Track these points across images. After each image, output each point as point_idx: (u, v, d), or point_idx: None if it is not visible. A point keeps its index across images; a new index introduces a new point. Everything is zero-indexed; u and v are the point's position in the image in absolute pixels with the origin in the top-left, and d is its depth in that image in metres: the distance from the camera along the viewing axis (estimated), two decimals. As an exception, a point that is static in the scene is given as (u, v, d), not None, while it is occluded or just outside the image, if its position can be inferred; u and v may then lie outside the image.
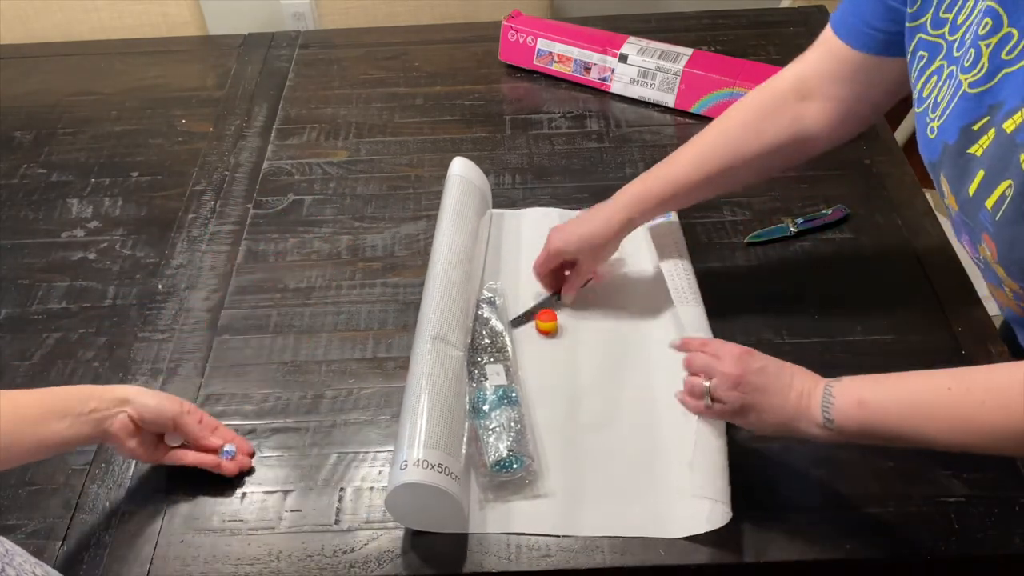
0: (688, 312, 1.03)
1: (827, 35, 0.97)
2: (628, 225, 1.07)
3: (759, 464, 0.95)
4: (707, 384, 0.89)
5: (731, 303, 1.11)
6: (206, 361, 1.09)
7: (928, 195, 1.28)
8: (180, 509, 0.95)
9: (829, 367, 0.85)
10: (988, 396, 0.74)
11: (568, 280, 1.11)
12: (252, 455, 0.99)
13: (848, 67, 0.96)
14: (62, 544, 0.92)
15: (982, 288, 1.10)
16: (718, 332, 1.02)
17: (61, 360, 1.11)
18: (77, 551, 0.91)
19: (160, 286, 1.19)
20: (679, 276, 1.08)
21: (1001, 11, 0.75)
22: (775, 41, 1.56)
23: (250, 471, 0.98)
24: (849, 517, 0.90)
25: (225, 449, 0.96)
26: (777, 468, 0.94)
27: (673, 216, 1.17)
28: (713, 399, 0.88)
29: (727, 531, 0.88)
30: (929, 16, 0.84)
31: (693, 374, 0.92)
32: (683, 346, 0.95)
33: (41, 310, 1.17)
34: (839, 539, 0.89)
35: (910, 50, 0.88)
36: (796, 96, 1.00)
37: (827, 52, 0.98)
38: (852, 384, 0.82)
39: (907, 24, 0.87)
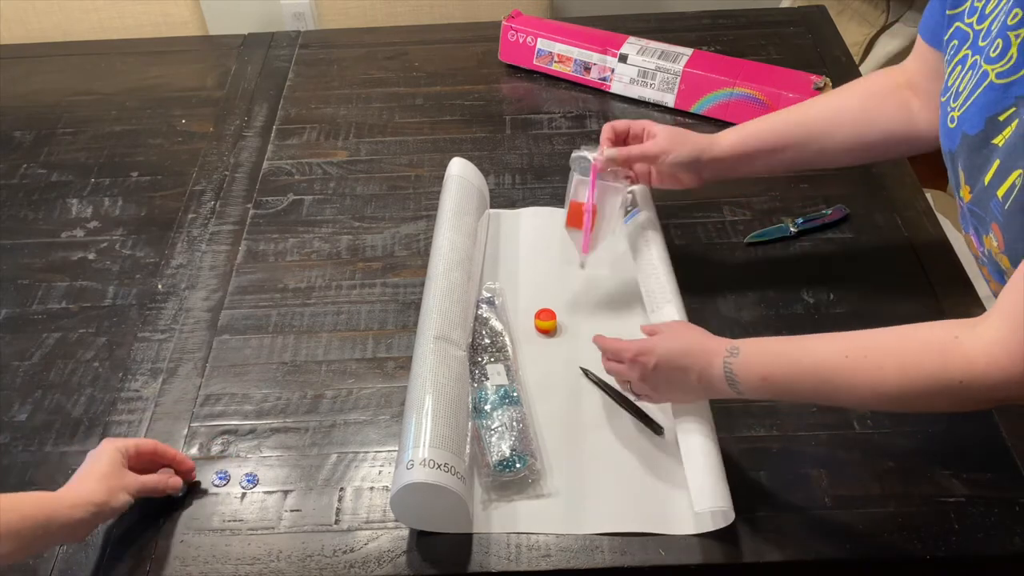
0: (663, 315, 1.04)
1: (918, 41, 1.02)
2: (707, 147, 1.07)
3: (758, 464, 0.95)
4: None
5: (731, 303, 1.11)
6: (206, 361, 1.09)
7: (928, 195, 1.28)
8: (180, 509, 0.95)
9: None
10: (888, 359, 0.77)
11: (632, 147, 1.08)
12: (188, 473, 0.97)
13: (937, 67, 0.97)
14: (62, 544, 0.92)
15: (982, 288, 1.10)
16: (717, 332, 1.02)
17: (61, 360, 1.11)
18: (77, 551, 0.91)
19: (160, 286, 1.19)
20: (653, 279, 1.08)
21: None
22: (775, 41, 1.56)
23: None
24: (849, 517, 0.90)
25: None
26: (777, 468, 0.94)
27: (642, 215, 1.16)
28: (634, 392, 0.95)
29: (727, 531, 0.89)
30: (967, 5, 0.86)
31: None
32: (597, 342, 0.99)
33: (41, 310, 1.17)
34: (839, 539, 0.89)
35: (946, 39, 0.90)
36: (905, 84, 1.03)
37: (919, 56, 1.02)
38: (751, 359, 0.85)
39: (947, 12, 0.90)
